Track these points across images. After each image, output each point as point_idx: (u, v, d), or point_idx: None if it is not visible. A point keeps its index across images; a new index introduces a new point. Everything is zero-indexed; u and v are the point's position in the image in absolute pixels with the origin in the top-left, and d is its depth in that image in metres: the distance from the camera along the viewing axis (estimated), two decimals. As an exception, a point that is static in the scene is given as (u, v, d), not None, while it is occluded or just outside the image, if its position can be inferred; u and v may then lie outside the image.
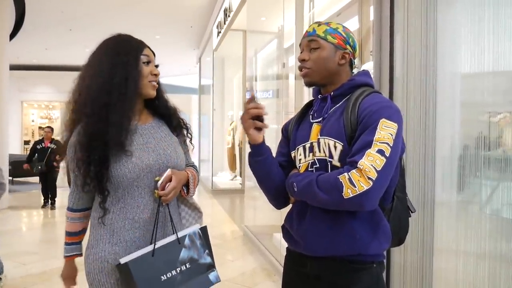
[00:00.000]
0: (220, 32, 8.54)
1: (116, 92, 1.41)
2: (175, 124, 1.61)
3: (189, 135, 1.67)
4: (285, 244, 1.55)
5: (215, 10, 8.89)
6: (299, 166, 1.44)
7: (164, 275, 1.40)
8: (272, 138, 2.82)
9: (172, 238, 1.47)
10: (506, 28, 1.81)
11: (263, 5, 5.96)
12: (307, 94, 4.57)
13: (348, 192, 1.21)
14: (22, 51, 12.88)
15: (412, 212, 1.46)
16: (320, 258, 1.36)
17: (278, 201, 1.52)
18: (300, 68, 1.44)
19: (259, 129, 1.43)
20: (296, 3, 4.35)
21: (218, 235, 5.73)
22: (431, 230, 2.21)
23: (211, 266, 1.52)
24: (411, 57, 2.25)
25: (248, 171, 7.34)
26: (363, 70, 1.52)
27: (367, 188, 1.20)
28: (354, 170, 1.22)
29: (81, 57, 1.54)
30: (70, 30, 10.57)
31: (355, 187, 1.20)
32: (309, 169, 1.40)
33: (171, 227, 1.51)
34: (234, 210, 7.98)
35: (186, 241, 1.48)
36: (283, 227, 1.52)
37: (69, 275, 1.62)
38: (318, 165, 1.37)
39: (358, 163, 1.21)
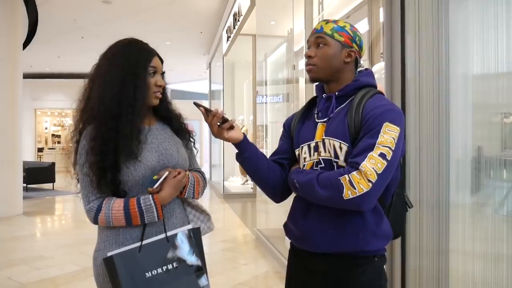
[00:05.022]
0: (229, 37, 8.58)
1: (126, 103, 1.43)
2: (177, 127, 1.64)
3: (191, 139, 1.68)
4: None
5: (225, 15, 8.93)
6: (304, 165, 1.45)
7: (149, 272, 1.40)
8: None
9: (161, 236, 1.47)
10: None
11: (272, 9, 5.98)
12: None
13: (348, 194, 1.24)
14: (35, 60, 13.08)
15: (409, 207, 1.50)
16: (324, 254, 1.39)
17: (274, 195, 1.55)
18: (306, 64, 1.45)
19: (231, 128, 1.44)
20: (305, 7, 4.36)
21: (230, 239, 5.73)
22: (446, 233, 2.18)
23: (200, 269, 1.48)
24: (422, 58, 2.24)
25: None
26: (366, 69, 1.52)
27: (366, 190, 1.23)
28: (354, 172, 1.24)
29: (94, 64, 1.56)
30: (82, 37, 10.71)
31: (355, 189, 1.23)
32: (314, 168, 1.41)
33: (175, 224, 1.52)
34: (246, 214, 7.98)
35: (176, 240, 1.47)
36: (285, 225, 1.55)
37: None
38: (323, 165, 1.39)
39: (360, 165, 1.24)
